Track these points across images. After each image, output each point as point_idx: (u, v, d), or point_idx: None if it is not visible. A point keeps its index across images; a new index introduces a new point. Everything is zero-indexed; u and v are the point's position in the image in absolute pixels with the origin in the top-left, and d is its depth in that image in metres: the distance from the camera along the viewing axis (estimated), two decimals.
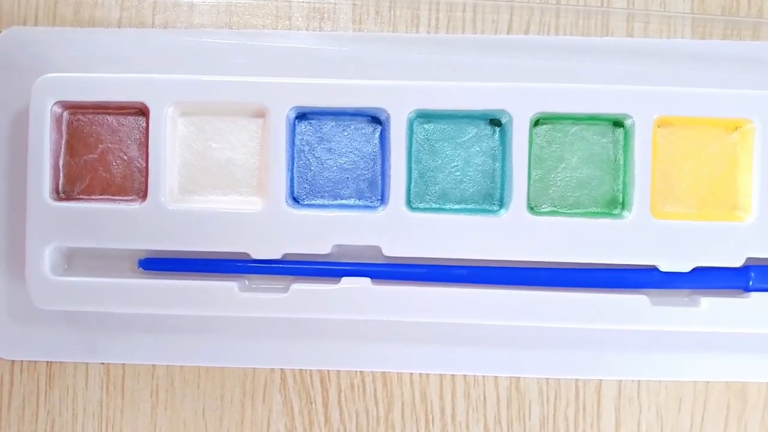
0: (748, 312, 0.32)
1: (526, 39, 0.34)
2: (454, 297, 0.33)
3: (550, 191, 0.33)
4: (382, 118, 0.32)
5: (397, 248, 0.32)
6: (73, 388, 0.35)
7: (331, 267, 0.33)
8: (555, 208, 0.33)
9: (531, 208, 0.33)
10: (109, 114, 0.33)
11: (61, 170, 0.33)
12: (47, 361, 0.35)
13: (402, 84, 0.32)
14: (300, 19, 0.35)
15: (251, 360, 0.35)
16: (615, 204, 0.33)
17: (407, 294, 0.32)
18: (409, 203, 0.33)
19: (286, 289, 0.33)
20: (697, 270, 0.32)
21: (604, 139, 0.33)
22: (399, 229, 0.32)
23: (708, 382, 0.34)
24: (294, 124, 0.33)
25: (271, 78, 0.32)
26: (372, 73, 0.33)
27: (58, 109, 0.33)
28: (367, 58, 0.34)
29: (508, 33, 0.34)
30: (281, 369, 0.35)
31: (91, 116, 0.34)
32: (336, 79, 0.32)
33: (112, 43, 0.35)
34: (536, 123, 0.33)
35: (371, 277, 0.33)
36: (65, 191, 0.34)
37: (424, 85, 0.32)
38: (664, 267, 0.32)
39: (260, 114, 0.33)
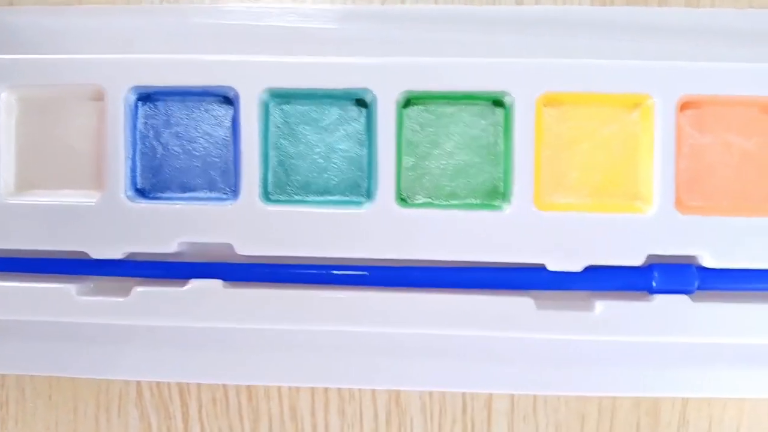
0: (649, 317, 0.28)
1: (399, 9, 0.30)
2: (316, 300, 0.29)
3: (424, 180, 0.29)
4: (232, 97, 0.29)
5: (251, 246, 0.29)
6: None
7: (177, 267, 0.29)
8: (429, 200, 0.29)
9: (402, 200, 0.29)
10: None
11: None
12: None
13: (250, 59, 0.29)
14: None
15: (104, 370, 0.31)
16: (495, 194, 0.29)
17: (264, 297, 0.29)
18: (266, 195, 0.29)
19: (127, 292, 0.29)
20: (590, 269, 0.28)
21: (484, 122, 0.29)
22: (253, 225, 0.29)
23: (615, 397, 0.30)
24: (136, 107, 0.29)
25: (105, 55, 0.29)
26: (222, 46, 0.30)
27: None
28: (217, 31, 0.30)
29: (382, 3, 0.30)
30: (137, 381, 0.31)
31: None
32: (179, 54, 0.29)
33: None
34: (407, 104, 0.29)
35: (223, 279, 0.29)
36: None
37: (276, 60, 0.28)
38: (552, 266, 0.28)
39: (100, 96, 0.29)
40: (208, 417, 0.31)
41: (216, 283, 0.29)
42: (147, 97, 0.29)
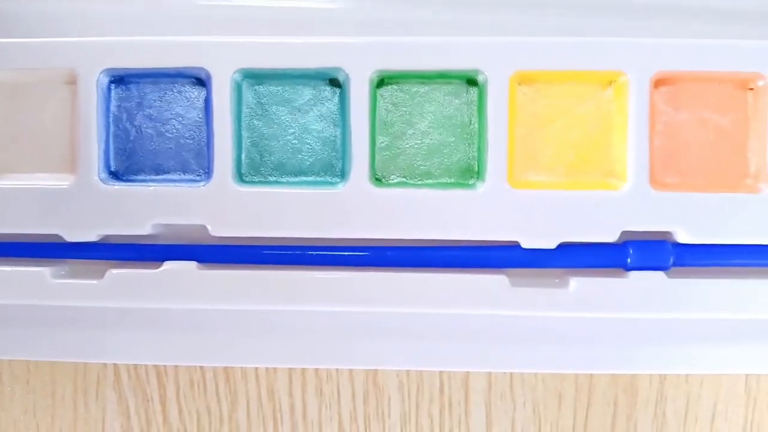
0: (624, 294, 0.28)
1: None
2: (291, 281, 0.29)
3: (399, 160, 0.29)
4: (204, 78, 0.29)
5: (226, 228, 0.29)
6: None
7: (151, 249, 0.29)
8: (404, 179, 0.29)
9: (377, 180, 0.29)
10: None
11: None
12: None
13: (222, 39, 0.28)
14: None
15: (81, 354, 0.31)
16: (470, 173, 0.29)
17: (239, 279, 0.29)
18: (240, 176, 0.29)
19: (102, 275, 0.29)
20: (564, 246, 0.28)
21: (457, 101, 0.29)
22: (227, 206, 0.29)
23: (592, 375, 0.30)
24: (109, 89, 0.29)
25: (78, 38, 0.29)
26: (195, 27, 0.30)
27: None
28: (189, 11, 0.30)
29: None
30: (114, 364, 0.31)
31: None
32: (151, 35, 0.28)
33: None
34: (381, 83, 0.29)
35: (198, 261, 0.29)
36: None
37: (248, 40, 0.28)
38: (527, 243, 0.28)
39: (73, 80, 0.29)
40: (186, 399, 0.31)
41: (190, 265, 0.29)
42: (120, 79, 0.29)
